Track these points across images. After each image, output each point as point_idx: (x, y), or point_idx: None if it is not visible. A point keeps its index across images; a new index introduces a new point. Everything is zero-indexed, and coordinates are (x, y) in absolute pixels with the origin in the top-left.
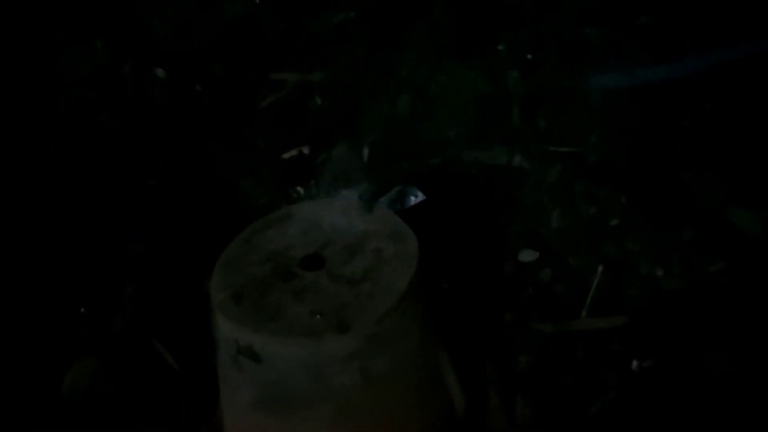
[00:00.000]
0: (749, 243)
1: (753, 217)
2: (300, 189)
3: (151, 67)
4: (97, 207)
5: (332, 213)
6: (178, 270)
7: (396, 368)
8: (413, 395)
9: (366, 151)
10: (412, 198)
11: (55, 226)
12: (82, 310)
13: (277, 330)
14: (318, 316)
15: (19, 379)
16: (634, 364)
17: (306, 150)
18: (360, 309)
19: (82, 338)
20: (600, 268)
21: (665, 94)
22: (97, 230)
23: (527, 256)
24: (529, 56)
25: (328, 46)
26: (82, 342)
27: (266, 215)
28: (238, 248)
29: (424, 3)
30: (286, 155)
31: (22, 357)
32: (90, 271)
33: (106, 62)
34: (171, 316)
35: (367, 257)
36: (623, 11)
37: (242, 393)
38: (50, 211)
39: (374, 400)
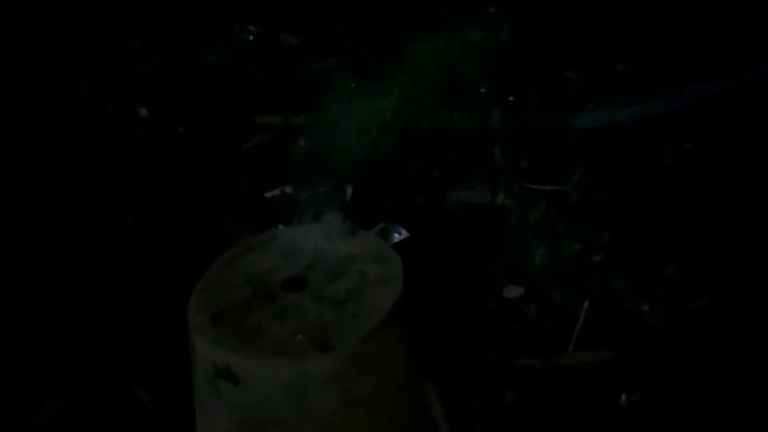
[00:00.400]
0: (733, 275)
1: (736, 248)
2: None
3: (133, 108)
4: (74, 244)
5: (316, 237)
6: (155, 308)
7: (380, 392)
8: (397, 423)
9: (349, 190)
10: (396, 235)
11: (31, 263)
12: (55, 347)
13: (257, 350)
14: (300, 336)
15: None
16: (623, 398)
17: (289, 189)
18: (343, 329)
19: (53, 377)
20: (585, 304)
21: (645, 134)
22: (74, 267)
23: (512, 292)
24: (511, 98)
25: (311, 91)
26: (52, 381)
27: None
28: (217, 272)
29: (406, 50)
30: (268, 194)
31: None
32: (65, 308)
33: (88, 104)
34: (147, 354)
35: (351, 279)
36: (601, 57)
37: (220, 420)
38: (27, 249)
39: (356, 425)
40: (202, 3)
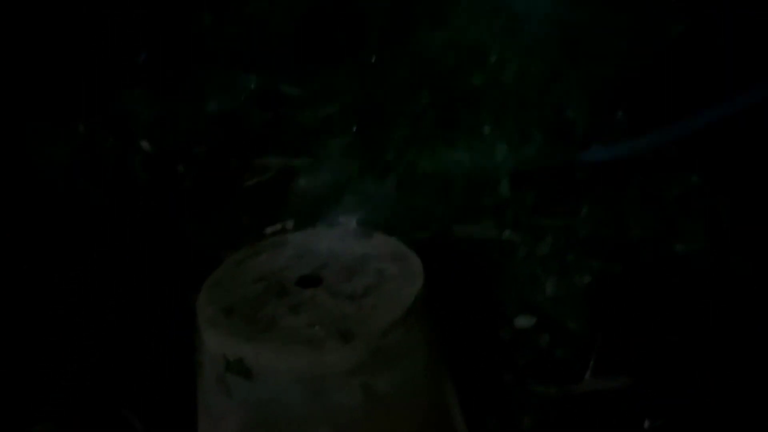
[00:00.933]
0: (746, 295)
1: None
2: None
3: (133, 143)
4: (71, 275)
5: (329, 239)
6: (150, 337)
7: (400, 391)
8: (416, 426)
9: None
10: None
11: (24, 292)
12: (44, 372)
13: (272, 339)
14: (317, 327)
15: None
16: (647, 424)
17: (290, 225)
18: (364, 320)
19: (40, 403)
20: (600, 335)
21: (652, 167)
22: (69, 295)
23: (524, 322)
24: (514, 137)
25: (312, 135)
26: (40, 407)
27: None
28: (227, 270)
29: (408, 93)
30: (269, 229)
31: None
32: (57, 335)
33: (87, 144)
34: (138, 380)
35: (368, 276)
36: (601, 99)
37: (228, 421)
38: (21, 279)
39: (376, 424)
40: (203, 53)
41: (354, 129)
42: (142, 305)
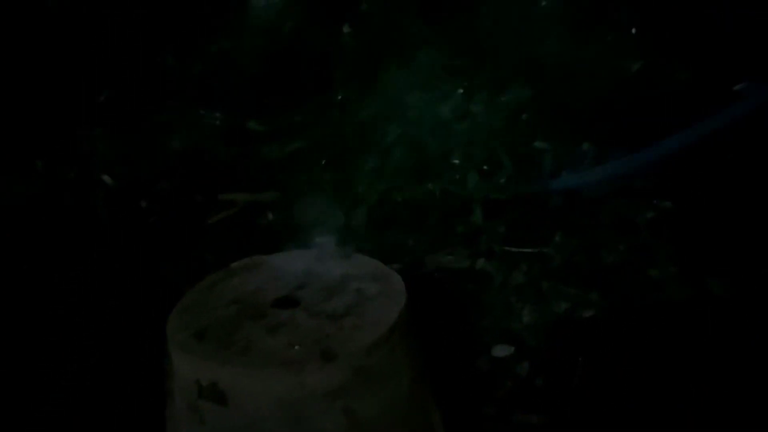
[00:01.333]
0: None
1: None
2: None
3: (93, 179)
4: (32, 308)
5: (306, 260)
6: (112, 373)
7: (385, 416)
8: None
9: None
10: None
11: None
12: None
13: (248, 362)
14: (297, 347)
15: None
16: None
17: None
18: (345, 340)
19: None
20: (581, 360)
21: (623, 194)
22: (32, 328)
23: (501, 351)
24: (485, 167)
25: (280, 171)
26: None
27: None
28: (199, 294)
29: (374, 132)
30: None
31: None
32: (19, 375)
33: (47, 182)
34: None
35: (348, 296)
36: (568, 130)
37: None
38: None
39: None
40: (166, 91)
41: (323, 163)
42: (103, 342)
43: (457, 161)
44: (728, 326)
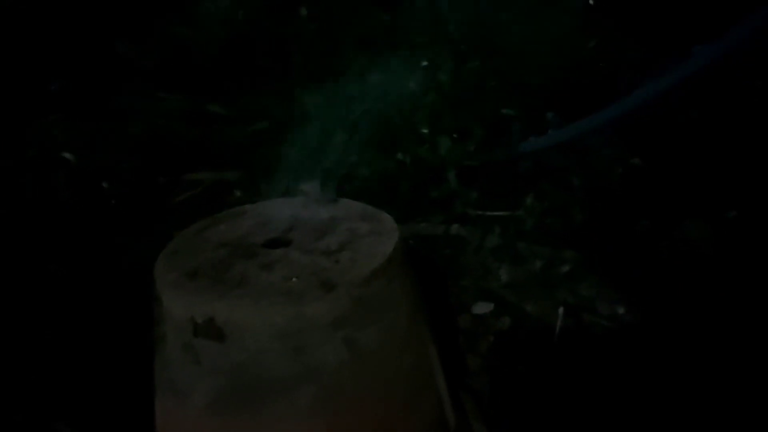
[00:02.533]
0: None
1: (705, 229)
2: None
3: (54, 162)
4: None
5: (292, 206)
6: (82, 350)
7: (385, 346)
8: (404, 387)
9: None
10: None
11: None
12: None
13: (246, 295)
14: (294, 279)
15: None
16: None
17: None
18: (343, 271)
19: None
20: (561, 310)
21: (592, 153)
22: None
23: (481, 308)
24: (455, 135)
25: (244, 150)
26: None
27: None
28: (185, 240)
29: (340, 109)
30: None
31: None
32: None
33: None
34: (72, 393)
35: (341, 235)
36: (532, 99)
37: (198, 395)
38: None
39: (361, 383)
40: (123, 77)
41: (287, 140)
42: (71, 319)
43: (426, 131)
44: (698, 271)
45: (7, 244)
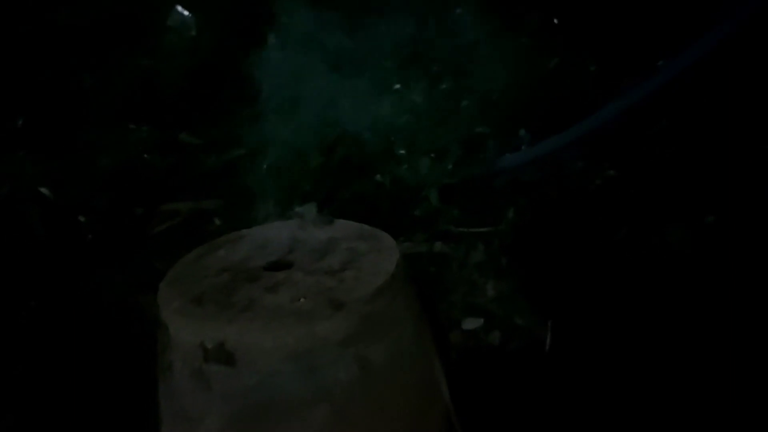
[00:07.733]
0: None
1: (685, 235)
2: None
3: (28, 199)
4: None
5: (288, 229)
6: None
7: (394, 361)
8: (413, 400)
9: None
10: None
11: None
12: None
13: (255, 317)
14: (302, 299)
15: None
16: None
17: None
18: (349, 290)
19: None
20: (550, 323)
21: (567, 167)
22: None
23: (471, 324)
24: (432, 155)
25: (220, 178)
26: None
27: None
28: (185, 267)
29: (314, 135)
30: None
31: None
32: None
33: None
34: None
35: (341, 255)
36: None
37: (210, 420)
38: None
39: (373, 400)
40: (89, 110)
41: (264, 167)
42: (54, 354)
43: (403, 152)
44: (679, 277)
45: None
